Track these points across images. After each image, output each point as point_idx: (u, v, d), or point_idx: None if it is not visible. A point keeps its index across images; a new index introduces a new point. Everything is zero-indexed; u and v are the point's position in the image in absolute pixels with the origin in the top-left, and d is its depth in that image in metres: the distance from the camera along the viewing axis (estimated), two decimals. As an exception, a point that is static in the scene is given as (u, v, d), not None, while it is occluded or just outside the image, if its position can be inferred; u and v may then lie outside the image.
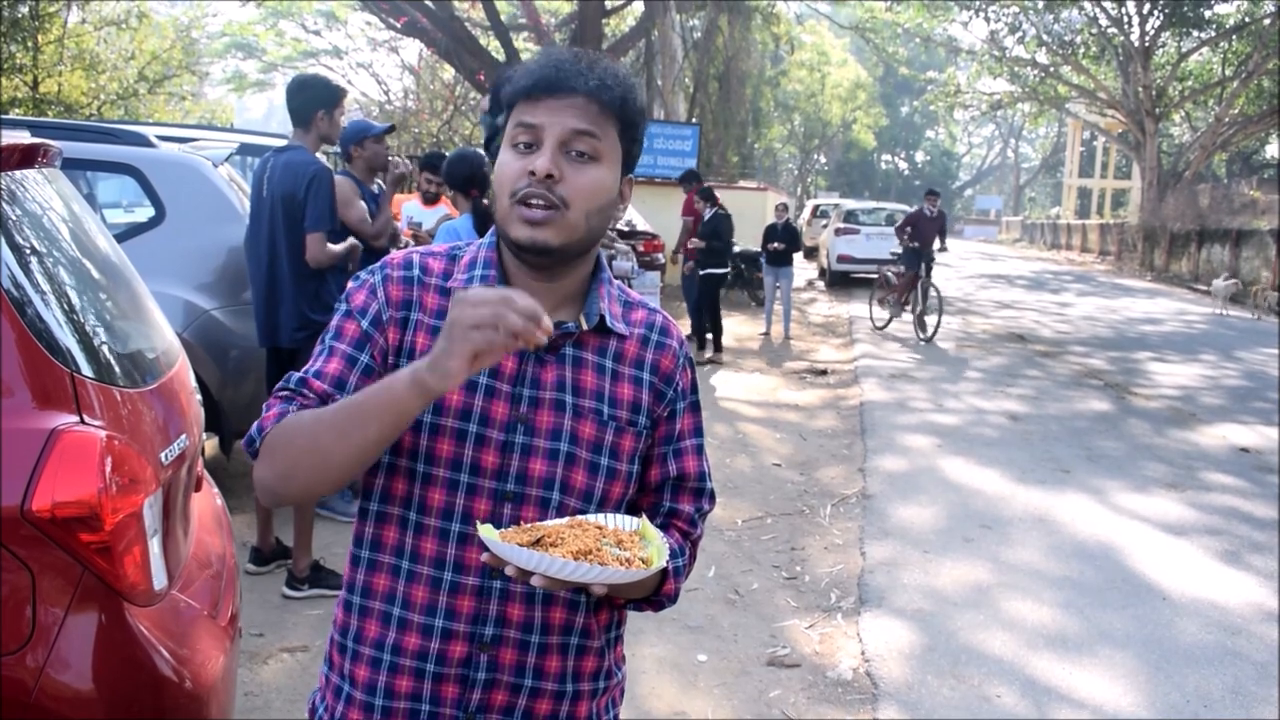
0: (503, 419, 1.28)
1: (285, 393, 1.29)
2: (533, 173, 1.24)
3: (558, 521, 1.22)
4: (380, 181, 4.77)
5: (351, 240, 4.35)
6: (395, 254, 1.37)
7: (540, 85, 1.26)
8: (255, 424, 1.27)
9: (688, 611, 4.11)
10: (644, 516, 1.27)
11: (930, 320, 12.57)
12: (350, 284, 1.36)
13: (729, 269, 11.42)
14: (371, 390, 1.18)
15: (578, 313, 1.34)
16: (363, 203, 4.60)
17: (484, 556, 1.14)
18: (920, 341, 12.36)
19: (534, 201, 1.24)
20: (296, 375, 1.30)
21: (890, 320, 13.43)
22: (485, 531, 1.13)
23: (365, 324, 1.30)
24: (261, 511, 4.26)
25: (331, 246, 4.13)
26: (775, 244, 12.21)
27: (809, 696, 3.53)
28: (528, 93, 1.26)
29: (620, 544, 1.17)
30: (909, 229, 12.87)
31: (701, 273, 10.75)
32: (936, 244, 12.94)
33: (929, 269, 12.94)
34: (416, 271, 1.34)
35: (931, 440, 7.31)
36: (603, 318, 1.33)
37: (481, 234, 4.26)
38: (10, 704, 1.69)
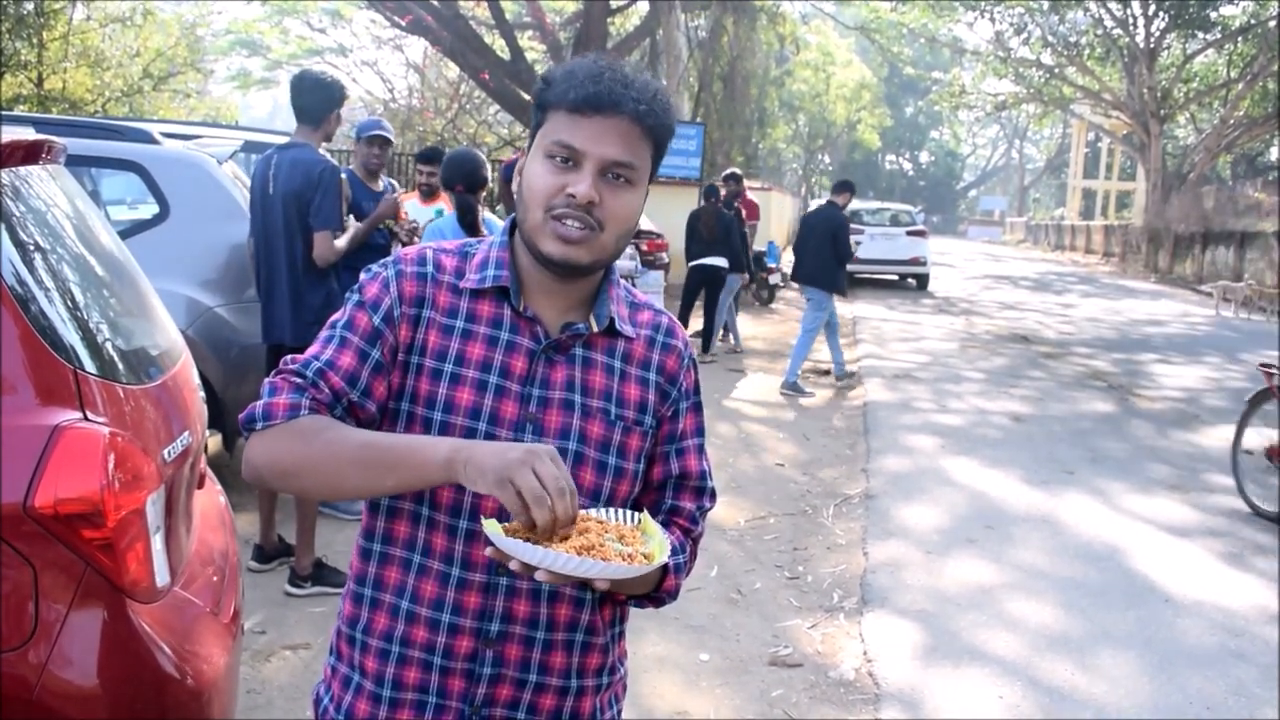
0: (512, 418, 1.29)
1: (298, 380, 1.27)
2: (572, 195, 1.23)
3: None
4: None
5: (356, 227, 4.31)
6: (408, 249, 1.37)
7: (586, 103, 1.24)
8: (260, 405, 1.25)
9: (690, 611, 4.11)
10: (645, 511, 1.27)
11: None
12: (363, 275, 1.35)
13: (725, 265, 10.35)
14: (404, 446, 1.18)
15: (588, 314, 1.35)
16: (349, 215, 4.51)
17: (488, 550, 1.14)
18: None
19: (571, 222, 1.24)
20: (314, 364, 1.27)
21: None
22: (490, 526, 1.13)
23: (377, 320, 1.30)
24: (264, 509, 4.26)
25: (337, 243, 4.12)
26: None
27: (811, 696, 3.53)
28: (571, 108, 1.25)
29: (622, 539, 1.18)
30: None
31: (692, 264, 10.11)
32: None
33: None
34: (430, 268, 1.33)
35: (935, 440, 7.31)
36: (612, 320, 1.35)
37: (465, 228, 4.22)
38: (12, 701, 1.69)
